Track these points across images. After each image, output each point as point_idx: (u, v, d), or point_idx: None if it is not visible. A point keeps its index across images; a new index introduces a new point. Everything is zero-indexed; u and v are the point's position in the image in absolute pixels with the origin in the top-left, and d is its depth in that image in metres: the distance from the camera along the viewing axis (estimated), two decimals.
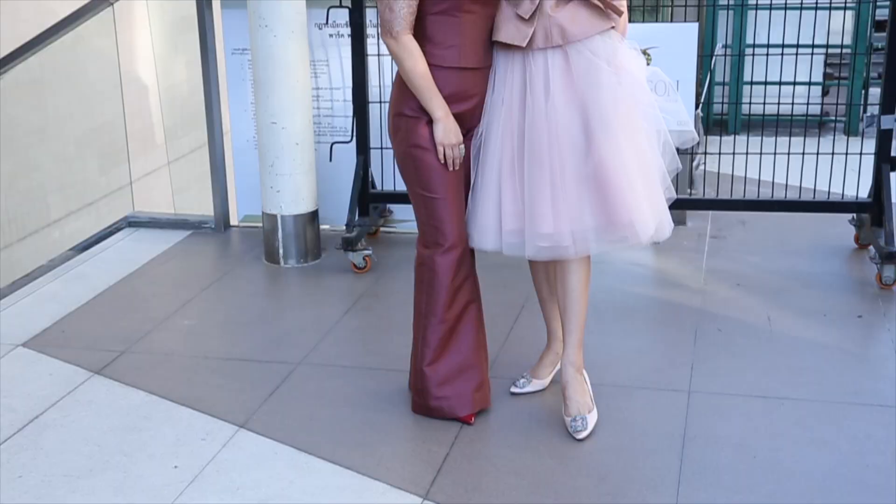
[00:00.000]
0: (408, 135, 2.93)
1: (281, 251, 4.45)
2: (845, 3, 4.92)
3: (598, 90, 2.84)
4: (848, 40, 6.82)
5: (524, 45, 2.85)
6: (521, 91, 2.91)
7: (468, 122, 2.97)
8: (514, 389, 3.23)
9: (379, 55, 4.48)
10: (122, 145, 5.35)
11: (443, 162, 2.91)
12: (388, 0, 2.81)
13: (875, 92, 5.29)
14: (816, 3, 4.49)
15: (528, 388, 3.23)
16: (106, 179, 5.70)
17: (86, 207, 5.81)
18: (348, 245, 4.31)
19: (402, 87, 2.92)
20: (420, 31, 2.87)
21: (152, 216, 5.05)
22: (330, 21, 4.54)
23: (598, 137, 2.83)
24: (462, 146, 2.92)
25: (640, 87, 2.92)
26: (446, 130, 2.88)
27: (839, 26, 6.43)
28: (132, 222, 5.00)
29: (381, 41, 4.43)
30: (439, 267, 2.94)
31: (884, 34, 4.28)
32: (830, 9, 4.99)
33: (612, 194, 2.85)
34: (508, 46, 2.90)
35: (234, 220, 5.00)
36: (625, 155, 2.86)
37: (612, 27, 2.88)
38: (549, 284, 3.18)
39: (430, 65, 2.86)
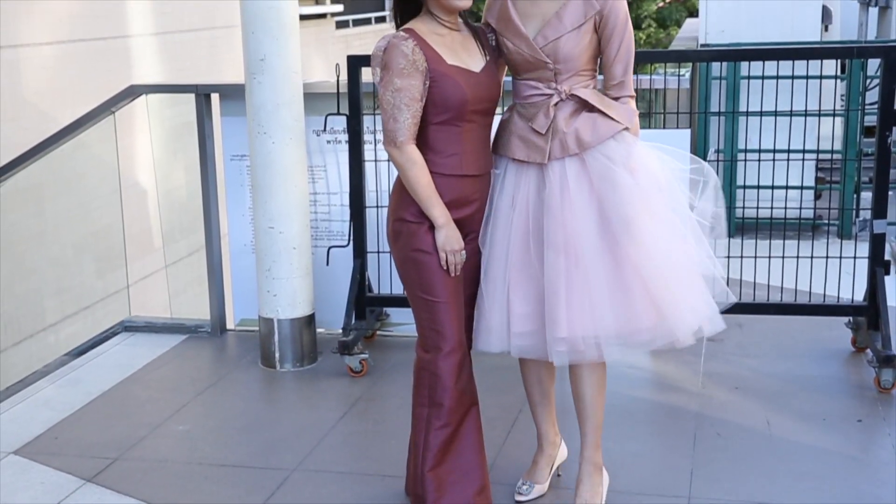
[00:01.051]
0: (409, 239, 2.95)
1: (277, 355, 4.44)
2: (834, 110, 5.01)
3: (614, 192, 2.89)
4: (838, 145, 6.93)
5: (545, 161, 2.92)
6: (535, 196, 2.97)
7: (468, 227, 3.01)
8: (519, 497, 3.18)
9: (376, 161, 4.54)
10: (119, 249, 5.37)
11: (445, 268, 2.93)
12: (392, 110, 2.86)
13: (867, 196, 5.35)
14: (806, 110, 4.58)
15: (532, 494, 3.19)
16: (103, 283, 5.72)
17: (82, 311, 5.81)
18: (345, 349, 4.30)
19: (402, 193, 2.96)
20: (422, 140, 2.92)
21: (148, 320, 5.05)
22: (328, 128, 4.61)
23: (616, 239, 2.88)
24: (463, 251, 2.95)
25: (658, 185, 2.96)
26: (448, 237, 2.91)
27: (829, 132, 6.55)
28: (128, 327, 4.99)
29: (378, 147, 4.50)
30: (442, 371, 2.93)
31: (873, 139, 4.35)
32: (820, 115, 5.08)
33: (632, 296, 2.88)
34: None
35: (230, 325, 4.99)
36: (645, 256, 2.89)
37: (626, 128, 2.95)
38: (542, 387, 3.18)
39: (431, 172, 2.91)
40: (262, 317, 4.47)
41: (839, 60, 7.13)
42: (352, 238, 4.53)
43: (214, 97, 4.83)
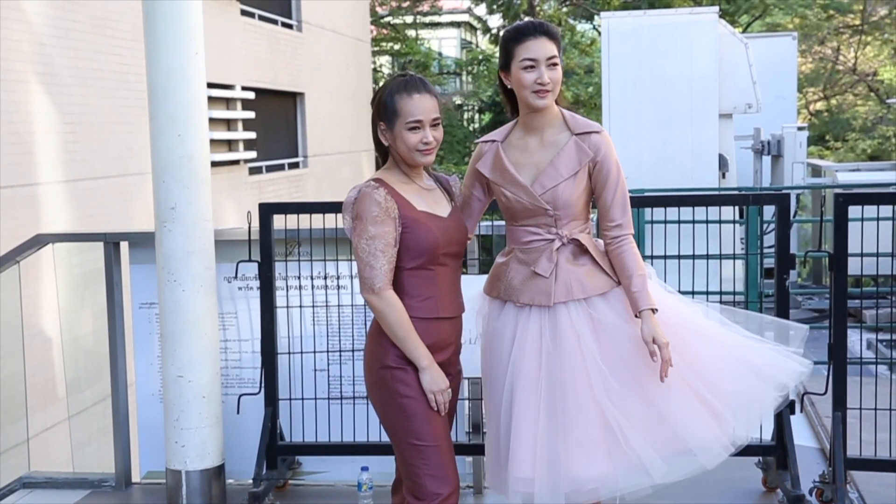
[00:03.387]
0: (395, 385, 2.99)
1: None
2: (734, 254, 5.18)
3: (620, 343, 3.04)
4: (741, 287, 7.14)
5: (550, 304, 3.00)
6: (539, 344, 3.06)
7: (448, 370, 3.07)
8: None
9: (287, 307, 4.53)
10: (20, 400, 5.20)
11: (435, 409, 2.97)
12: (368, 258, 2.94)
13: (770, 336, 5.48)
14: (707, 253, 4.72)
15: None
16: (2, 437, 5.50)
17: None
18: (255, 500, 4.19)
19: (381, 339, 3.01)
20: (397, 285, 3.00)
21: (49, 476, 4.85)
22: (239, 274, 4.60)
23: (616, 386, 3.02)
24: (449, 390, 3.00)
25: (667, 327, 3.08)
26: (433, 378, 2.97)
27: (731, 274, 6.75)
28: (27, 483, 4.79)
29: (289, 293, 4.50)
30: None
31: (772, 281, 4.50)
32: (721, 258, 5.24)
33: (663, 427, 3.03)
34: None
35: (136, 478, 4.82)
36: (667, 389, 3.02)
37: (618, 283, 3.13)
38: None
39: (410, 317, 2.98)
40: (169, 469, 4.33)
41: (737, 206, 7.43)
42: (263, 385, 4.47)
43: (123, 245, 4.79)
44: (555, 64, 3.12)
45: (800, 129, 12.20)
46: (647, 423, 3.04)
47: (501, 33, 3.33)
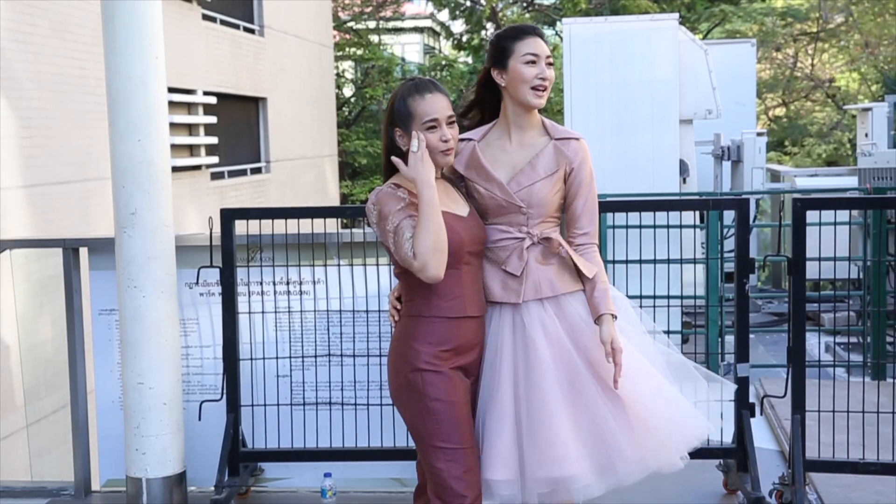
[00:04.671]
0: (425, 388, 2.99)
1: None
2: (695, 258, 5.23)
3: (585, 341, 3.08)
4: (702, 291, 7.19)
5: (519, 301, 3.02)
6: (512, 343, 3.08)
7: (472, 372, 3.10)
8: None
9: (250, 313, 4.50)
10: None
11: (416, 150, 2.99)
12: (397, 238, 2.95)
13: (731, 339, 5.54)
14: (669, 258, 4.76)
15: None
16: None
17: None
18: None
19: (410, 342, 3.02)
20: (425, 287, 3.00)
21: (7, 485, 4.79)
22: (200, 280, 4.57)
23: (586, 385, 3.06)
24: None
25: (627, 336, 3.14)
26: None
27: (692, 278, 6.80)
28: None
29: (251, 299, 4.48)
30: None
31: (733, 285, 4.54)
32: (682, 263, 5.30)
33: (605, 437, 3.05)
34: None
35: (95, 486, 4.77)
36: (604, 402, 3.05)
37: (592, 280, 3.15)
38: None
39: (437, 317, 3.01)
40: (129, 476, 4.29)
41: (697, 211, 7.49)
42: (225, 391, 4.44)
43: (83, 251, 4.74)
44: (551, 64, 3.19)
45: (759, 134, 12.33)
46: (613, 423, 3.06)
47: (495, 33, 3.35)
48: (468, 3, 25.53)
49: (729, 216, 7.39)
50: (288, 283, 4.54)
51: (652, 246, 4.63)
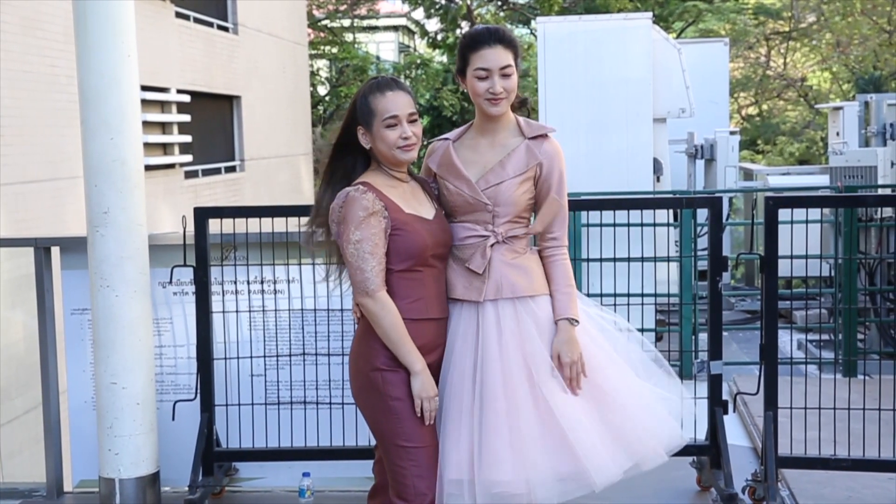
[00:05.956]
0: (385, 388, 3.00)
1: None
2: (668, 256, 5.25)
3: (542, 345, 3.07)
4: (675, 289, 7.23)
5: (480, 300, 3.03)
6: (473, 342, 3.08)
7: (434, 372, 3.09)
8: None
9: (224, 312, 4.48)
10: None
11: (419, 415, 2.98)
12: (357, 262, 2.95)
13: (705, 337, 5.58)
14: (643, 255, 4.78)
15: None
16: None
17: None
18: None
19: (370, 342, 3.02)
20: (388, 288, 3.01)
21: None
22: (174, 279, 4.54)
23: (545, 388, 3.04)
24: (437, 398, 3.02)
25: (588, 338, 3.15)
26: (424, 384, 2.99)
27: (665, 276, 6.82)
28: None
29: (225, 298, 4.46)
30: None
31: (706, 283, 4.57)
32: (655, 261, 5.32)
33: (563, 443, 3.01)
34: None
35: (68, 487, 4.74)
36: (572, 405, 3.05)
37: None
38: None
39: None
40: (102, 477, 4.26)
41: (671, 209, 7.52)
42: (199, 391, 4.42)
43: (55, 250, 4.71)
44: (508, 74, 3.15)
45: (732, 133, 12.39)
46: (577, 427, 3.06)
47: (460, 37, 3.36)
48: (443, 2, 25.52)
49: (702, 214, 7.42)
50: (262, 282, 4.53)
51: (626, 244, 4.64)
